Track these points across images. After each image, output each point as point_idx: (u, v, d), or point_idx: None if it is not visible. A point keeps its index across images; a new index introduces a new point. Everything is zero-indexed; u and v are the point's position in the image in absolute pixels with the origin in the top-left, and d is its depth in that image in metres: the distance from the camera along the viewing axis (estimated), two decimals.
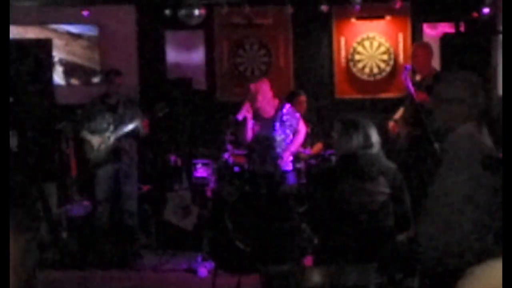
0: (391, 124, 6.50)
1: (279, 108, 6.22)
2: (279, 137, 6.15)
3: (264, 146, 6.16)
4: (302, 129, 6.25)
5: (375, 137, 4.19)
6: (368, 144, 4.13)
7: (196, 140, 7.70)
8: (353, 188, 4.06)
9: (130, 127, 6.64)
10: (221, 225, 5.91)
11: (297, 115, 6.27)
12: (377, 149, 4.16)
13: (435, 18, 7.86)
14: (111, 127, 6.67)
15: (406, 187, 4.21)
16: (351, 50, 8.10)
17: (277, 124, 6.16)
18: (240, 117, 6.22)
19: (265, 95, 6.19)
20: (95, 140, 6.70)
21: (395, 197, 4.08)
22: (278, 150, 6.14)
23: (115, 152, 6.70)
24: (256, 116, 6.20)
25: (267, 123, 6.19)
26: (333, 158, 6.43)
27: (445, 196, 3.03)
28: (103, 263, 6.32)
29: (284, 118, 6.17)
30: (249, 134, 6.23)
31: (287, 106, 6.30)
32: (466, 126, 3.09)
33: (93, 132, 6.70)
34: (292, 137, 6.21)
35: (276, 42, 8.22)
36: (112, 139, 6.67)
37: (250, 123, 6.17)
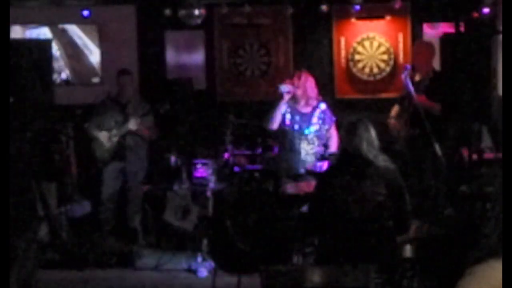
0: (392, 122, 6.49)
1: (316, 106, 6.09)
2: (311, 134, 6.01)
3: (296, 142, 6.01)
4: (334, 134, 6.01)
5: (372, 137, 4.20)
6: (364, 144, 4.13)
7: (196, 140, 7.70)
8: (349, 187, 4.07)
9: (130, 125, 6.67)
10: (221, 225, 5.91)
11: (333, 118, 6.08)
12: (374, 150, 4.17)
13: (435, 18, 7.86)
14: (118, 126, 6.71)
15: (406, 189, 4.21)
16: (351, 50, 8.10)
17: (315, 120, 6.02)
18: (283, 88, 5.93)
19: (312, 87, 6.08)
20: (102, 137, 6.74)
21: (393, 198, 4.08)
22: (310, 147, 6.03)
23: (120, 150, 6.73)
24: (292, 110, 6.08)
25: (303, 118, 6.04)
26: (333, 158, 6.42)
27: None
28: (103, 263, 6.32)
29: (321, 116, 6.06)
30: (278, 119, 5.98)
31: (324, 104, 6.15)
32: None
33: (100, 130, 6.75)
34: (324, 138, 6.04)
35: (276, 42, 8.22)
36: (117, 137, 6.71)
37: (283, 106, 5.95)
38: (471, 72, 5.20)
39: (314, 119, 6.02)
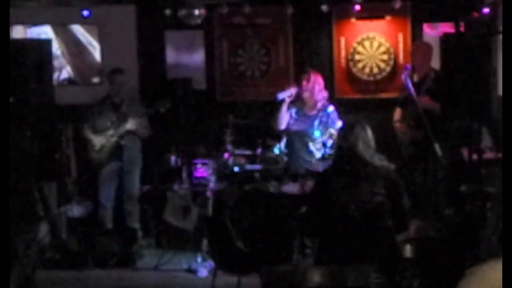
0: (398, 125, 6.50)
1: (323, 108, 6.15)
2: (315, 135, 6.03)
3: (299, 143, 6.08)
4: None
5: (369, 137, 4.20)
6: (360, 144, 4.14)
7: (196, 140, 7.70)
8: (348, 188, 4.07)
9: (129, 125, 6.68)
10: (221, 225, 5.91)
11: (339, 121, 6.07)
12: (371, 150, 4.17)
13: (435, 18, 7.86)
14: (114, 126, 6.71)
15: (405, 188, 4.22)
16: (351, 50, 8.10)
17: (317, 123, 6.07)
18: (281, 96, 6.10)
19: (321, 89, 6.14)
20: (97, 139, 6.73)
21: (391, 198, 4.09)
22: (312, 148, 6.04)
23: (117, 150, 6.73)
24: (300, 110, 6.13)
25: (307, 120, 6.11)
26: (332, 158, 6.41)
27: None
28: (103, 263, 6.32)
29: (325, 119, 6.08)
30: (284, 121, 6.11)
31: (332, 107, 6.20)
32: None
33: (96, 131, 6.74)
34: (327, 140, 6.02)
35: (276, 42, 8.21)
36: (114, 137, 6.70)
37: (285, 108, 6.08)
38: (471, 72, 5.20)
39: (318, 122, 6.05)
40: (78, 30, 8.20)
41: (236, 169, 6.65)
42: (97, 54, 8.22)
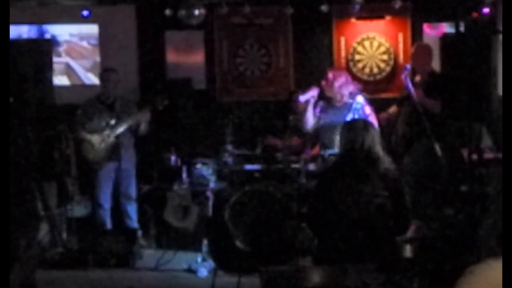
0: (381, 115, 6.47)
1: (351, 98, 6.11)
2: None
3: (330, 135, 5.98)
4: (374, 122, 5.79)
5: (375, 138, 4.19)
6: (377, 144, 4.12)
7: (196, 140, 7.70)
8: (350, 189, 4.06)
9: (128, 123, 6.67)
10: (221, 225, 5.91)
11: (368, 109, 6.04)
12: (377, 151, 4.16)
13: (435, 18, 7.86)
14: (110, 126, 6.69)
15: (406, 188, 4.22)
16: (351, 50, 8.10)
17: (347, 114, 5.99)
18: (302, 99, 6.08)
19: (341, 85, 6.13)
20: (95, 139, 6.71)
21: (393, 199, 4.08)
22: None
23: (115, 150, 6.72)
24: (328, 104, 6.14)
25: (337, 111, 6.07)
26: (333, 159, 6.41)
27: None
28: (103, 263, 6.32)
29: (354, 108, 6.04)
30: (310, 121, 6.10)
31: (360, 97, 6.16)
32: None
33: (92, 132, 6.72)
34: None
35: (276, 42, 8.22)
36: (111, 137, 6.69)
37: (310, 109, 6.07)
38: (471, 72, 5.21)
39: (347, 112, 6.03)
40: (78, 30, 8.21)
41: (236, 169, 6.65)
42: (97, 54, 8.22)
